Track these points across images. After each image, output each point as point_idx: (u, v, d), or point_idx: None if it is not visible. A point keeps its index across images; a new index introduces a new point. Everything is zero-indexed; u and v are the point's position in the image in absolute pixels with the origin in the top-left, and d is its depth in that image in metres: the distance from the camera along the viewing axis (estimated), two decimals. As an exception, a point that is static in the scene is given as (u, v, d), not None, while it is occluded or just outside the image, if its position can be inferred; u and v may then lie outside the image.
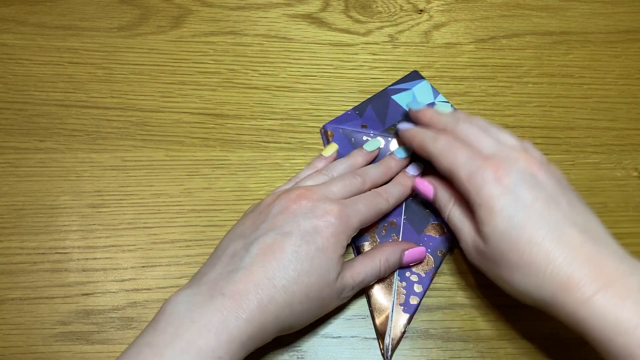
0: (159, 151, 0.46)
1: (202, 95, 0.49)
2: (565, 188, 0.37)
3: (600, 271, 0.32)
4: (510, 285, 0.36)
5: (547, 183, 0.36)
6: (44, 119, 0.47)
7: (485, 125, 0.40)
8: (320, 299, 0.36)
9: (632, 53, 0.53)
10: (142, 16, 0.52)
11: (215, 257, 0.36)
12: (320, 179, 0.41)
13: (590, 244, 0.33)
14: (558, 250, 0.33)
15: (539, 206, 0.35)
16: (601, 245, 0.34)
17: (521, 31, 0.54)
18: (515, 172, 0.36)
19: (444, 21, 0.54)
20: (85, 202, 0.44)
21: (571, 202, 0.36)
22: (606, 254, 0.33)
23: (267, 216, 0.37)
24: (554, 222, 0.34)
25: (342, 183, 0.40)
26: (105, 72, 0.49)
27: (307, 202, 0.37)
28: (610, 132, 0.49)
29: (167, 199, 0.44)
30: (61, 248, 0.42)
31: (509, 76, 0.51)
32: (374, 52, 0.52)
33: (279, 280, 0.33)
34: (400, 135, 0.45)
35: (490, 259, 0.36)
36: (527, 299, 0.35)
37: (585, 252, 0.33)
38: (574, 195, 0.37)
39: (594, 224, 0.35)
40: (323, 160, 0.44)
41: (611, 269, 0.32)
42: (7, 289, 0.41)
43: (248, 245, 0.35)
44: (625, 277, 0.32)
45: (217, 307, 0.32)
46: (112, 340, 0.39)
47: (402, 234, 0.43)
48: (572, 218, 0.35)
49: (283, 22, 0.53)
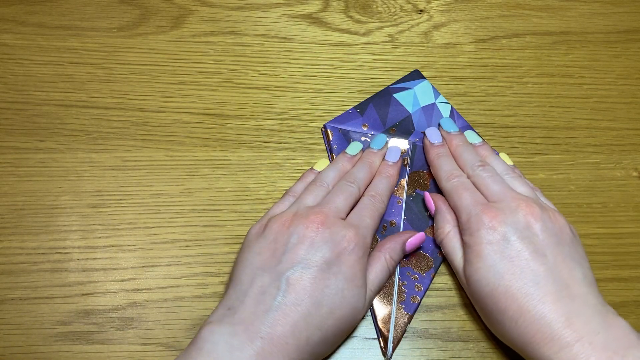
0: (159, 151, 0.46)
1: (202, 95, 0.49)
2: (561, 240, 0.37)
3: (568, 328, 0.33)
4: (486, 324, 0.39)
5: (540, 235, 0.37)
6: (44, 119, 0.47)
7: (503, 168, 0.43)
8: (350, 326, 0.38)
9: (632, 53, 0.53)
10: (142, 16, 0.52)
11: (239, 290, 0.35)
12: (318, 193, 0.41)
13: (564, 302, 0.34)
14: (530, 305, 0.35)
15: (524, 259, 0.36)
16: (576, 302, 0.35)
17: (521, 31, 0.54)
18: (511, 222, 0.37)
19: (444, 21, 0.54)
20: (85, 202, 0.44)
21: (560, 255, 0.36)
22: (577, 313, 0.34)
23: (286, 247, 0.36)
24: (533, 276, 0.35)
25: (343, 196, 0.40)
26: (105, 72, 0.49)
27: (323, 230, 0.37)
28: (610, 132, 0.49)
29: (167, 199, 0.44)
30: (61, 248, 0.42)
31: (509, 76, 0.51)
32: (374, 52, 0.52)
33: (313, 319, 0.34)
34: (423, 142, 0.46)
35: (471, 296, 0.39)
36: (502, 340, 0.38)
37: (556, 310, 0.34)
38: (569, 247, 0.37)
39: (578, 279, 0.36)
40: (314, 174, 0.44)
41: (579, 327, 0.33)
42: (7, 289, 0.41)
43: (276, 281, 0.35)
44: (592, 336, 0.33)
45: (257, 352, 0.32)
46: (112, 340, 0.39)
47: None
48: (555, 273, 0.36)
49: (283, 22, 0.53)
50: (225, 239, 0.43)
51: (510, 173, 0.42)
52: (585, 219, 0.45)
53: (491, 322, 0.38)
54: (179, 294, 0.41)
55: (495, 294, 0.36)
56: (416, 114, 0.48)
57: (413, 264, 0.42)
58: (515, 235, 0.37)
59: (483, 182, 0.41)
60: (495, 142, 0.48)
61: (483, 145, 0.45)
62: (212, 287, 0.41)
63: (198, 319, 0.40)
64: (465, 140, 0.45)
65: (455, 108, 0.49)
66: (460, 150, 0.44)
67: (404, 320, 0.40)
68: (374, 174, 0.44)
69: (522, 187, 0.41)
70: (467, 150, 0.44)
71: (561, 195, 0.46)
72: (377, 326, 0.40)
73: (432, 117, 0.48)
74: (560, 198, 0.46)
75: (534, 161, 0.48)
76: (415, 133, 0.47)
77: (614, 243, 0.45)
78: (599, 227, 0.45)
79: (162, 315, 0.40)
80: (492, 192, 0.40)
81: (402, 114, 0.48)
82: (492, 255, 0.37)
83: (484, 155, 0.44)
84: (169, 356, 0.39)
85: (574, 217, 0.45)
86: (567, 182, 0.47)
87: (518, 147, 0.48)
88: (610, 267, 0.44)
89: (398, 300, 0.41)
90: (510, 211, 0.38)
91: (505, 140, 0.48)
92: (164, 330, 0.40)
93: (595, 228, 0.45)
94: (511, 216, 0.38)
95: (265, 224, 0.39)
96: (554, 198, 0.46)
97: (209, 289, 0.41)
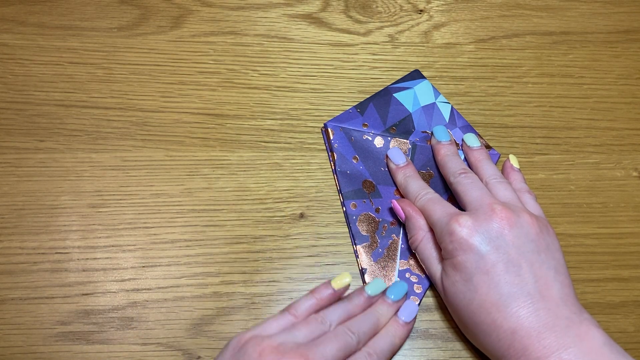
0: (159, 151, 0.46)
1: (202, 95, 0.49)
2: (536, 247, 0.37)
3: (539, 343, 0.34)
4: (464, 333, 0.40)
5: (514, 244, 0.37)
6: (44, 119, 0.47)
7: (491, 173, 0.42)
8: None
9: (632, 53, 0.53)
10: (142, 16, 0.52)
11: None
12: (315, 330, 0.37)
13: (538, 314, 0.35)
14: (503, 320, 0.35)
15: (497, 272, 0.36)
16: (550, 313, 0.35)
17: (521, 31, 0.54)
18: (483, 231, 0.37)
19: (444, 21, 0.54)
20: (85, 202, 0.44)
21: (536, 264, 0.36)
22: (551, 326, 0.34)
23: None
24: (508, 289, 0.35)
25: (338, 345, 0.35)
26: (105, 72, 0.49)
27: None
28: (610, 132, 0.49)
29: (167, 199, 0.44)
30: (61, 248, 0.42)
31: (509, 76, 0.51)
32: (374, 52, 0.52)
33: None
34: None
35: (448, 306, 0.40)
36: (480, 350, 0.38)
37: (529, 324, 0.34)
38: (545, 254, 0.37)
39: (554, 288, 0.36)
40: (330, 291, 0.38)
41: (551, 341, 0.34)
42: (7, 289, 0.41)
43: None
44: (562, 351, 0.33)
45: None
46: (112, 340, 0.39)
47: (403, 234, 0.44)
48: (529, 285, 0.35)
49: (283, 22, 0.53)
50: (225, 239, 0.43)
51: (497, 178, 0.42)
52: (585, 219, 0.45)
53: (467, 333, 0.39)
54: (179, 294, 0.41)
55: (470, 308, 0.36)
56: (416, 113, 0.48)
57: (412, 265, 0.42)
58: (489, 246, 0.36)
59: (463, 188, 0.41)
60: (496, 142, 0.48)
61: (479, 150, 0.45)
62: (212, 287, 0.41)
63: (198, 319, 0.40)
64: (454, 151, 0.45)
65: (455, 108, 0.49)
66: (445, 160, 0.44)
67: None
68: (379, 329, 0.39)
69: (504, 191, 0.41)
70: (454, 159, 0.44)
71: (561, 195, 0.46)
72: None
73: (432, 117, 0.48)
74: (560, 198, 0.46)
75: (534, 161, 0.48)
76: (415, 132, 0.47)
77: (614, 243, 0.45)
78: (599, 227, 0.45)
79: (162, 315, 0.40)
80: (470, 198, 0.40)
81: (402, 113, 0.48)
82: (468, 269, 0.37)
83: (476, 159, 0.44)
84: (169, 356, 0.39)
85: (574, 217, 0.45)
86: (567, 182, 0.47)
87: (518, 147, 0.48)
88: (610, 267, 0.44)
89: None
90: (484, 219, 0.37)
91: (505, 140, 0.48)
92: (164, 330, 0.40)
93: (595, 228, 0.45)
94: (485, 224, 0.37)
95: (246, 340, 0.35)
96: (554, 198, 0.46)
97: (209, 289, 0.41)
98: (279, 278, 0.42)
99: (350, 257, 0.43)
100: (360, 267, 0.42)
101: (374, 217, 0.44)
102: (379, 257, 0.43)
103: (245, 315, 0.41)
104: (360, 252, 0.43)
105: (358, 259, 0.43)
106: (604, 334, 0.34)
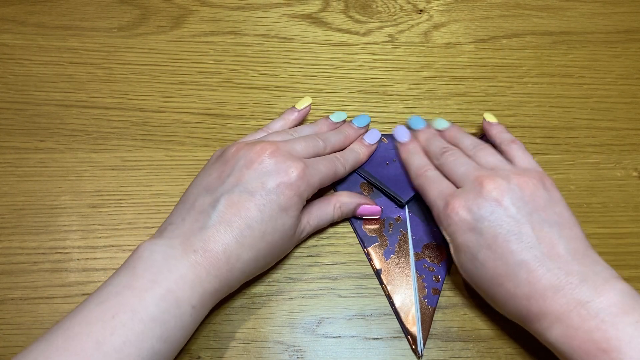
0: (159, 151, 0.46)
1: (202, 95, 0.49)
2: (534, 207, 0.37)
3: (555, 302, 0.34)
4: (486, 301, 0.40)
5: (509, 210, 0.36)
6: (44, 119, 0.47)
7: (470, 142, 0.43)
8: (282, 250, 0.40)
9: (632, 53, 0.53)
10: (142, 16, 0.52)
11: (183, 208, 0.37)
12: (286, 136, 0.42)
13: (547, 277, 0.34)
14: (517, 288, 0.35)
15: (499, 244, 0.36)
16: (561, 273, 0.34)
17: (521, 31, 0.54)
18: (476, 208, 0.37)
19: (444, 21, 0.54)
20: (85, 202, 0.44)
21: (537, 225, 0.36)
22: (563, 284, 0.34)
23: (233, 169, 0.38)
24: (513, 259, 0.35)
25: (305, 143, 0.41)
26: (105, 72, 0.49)
27: (271, 158, 0.38)
28: (610, 132, 0.49)
29: (167, 199, 0.44)
30: (61, 248, 0.42)
31: (509, 76, 0.51)
32: (374, 52, 0.52)
33: (245, 239, 0.36)
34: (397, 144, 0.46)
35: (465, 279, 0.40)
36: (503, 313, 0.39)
37: (541, 288, 0.34)
38: (544, 211, 0.37)
39: (559, 246, 0.35)
40: (295, 113, 0.45)
41: (567, 300, 0.34)
42: (7, 289, 0.41)
43: (215, 201, 0.36)
44: (579, 309, 0.33)
45: (191, 263, 0.34)
46: (112, 340, 0.39)
47: (410, 227, 0.43)
48: (533, 249, 0.35)
49: (283, 22, 0.53)
50: (225, 239, 0.43)
51: (477, 146, 0.42)
52: (585, 219, 0.45)
53: (488, 302, 0.39)
54: (179, 294, 0.41)
55: (484, 282, 0.37)
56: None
57: (427, 255, 0.42)
58: (485, 222, 0.36)
59: (448, 167, 0.41)
60: (495, 142, 0.48)
61: (451, 128, 0.45)
62: (212, 287, 0.41)
63: (198, 319, 0.40)
64: (433, 132, 0.45)
65: (454, 108, 0.49)
66: (427, 143, 0.44)
67: (429, 313, 0.40)
68: (346, 145, 0.45)
69: (488, 157, 0.41)
70: (433, 141, 0.44)
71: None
72: (404, 326, 0.40)
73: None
74: (560, 198, 0.46)
75: (534, 161, 0.48)
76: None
77: (614, 243, 0.45)
78: (599, 227, 0.45)
79: (162, 315, 0.40)
80: (457, 176, 0.40)
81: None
82: (471, 248, 0.37)
83: (452, 136, 0.44)
84: (169, 356, 0.39)
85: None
86: (567, 182, 0.47)
87: (518, 147, 0.48)
88: (610, 267, 0.44)
89: (420, 295, 0.41)
90: (475, 195, 0.37)
91: (505, 140, 0.48)
92: (164, 330, 0.40)
93: (595, 228, 0.45)
94: (476, 201, 0.37)
95: (227, 146, 0.40)
96: (554, 198, 0.46)
97: (209, 289, 0.41)
98: (279, 278, 0.42)
99: (351, 257, 0.43)
100: (374, 268, 0.42)
101: (377, 217, 0.44)
102: (391, 255, 0.43)
103: (245, 315, 0.41)
104: (372, 254, 0.43)
105: (371, 261, 0.43)
106: (624, 284, 0.34)
